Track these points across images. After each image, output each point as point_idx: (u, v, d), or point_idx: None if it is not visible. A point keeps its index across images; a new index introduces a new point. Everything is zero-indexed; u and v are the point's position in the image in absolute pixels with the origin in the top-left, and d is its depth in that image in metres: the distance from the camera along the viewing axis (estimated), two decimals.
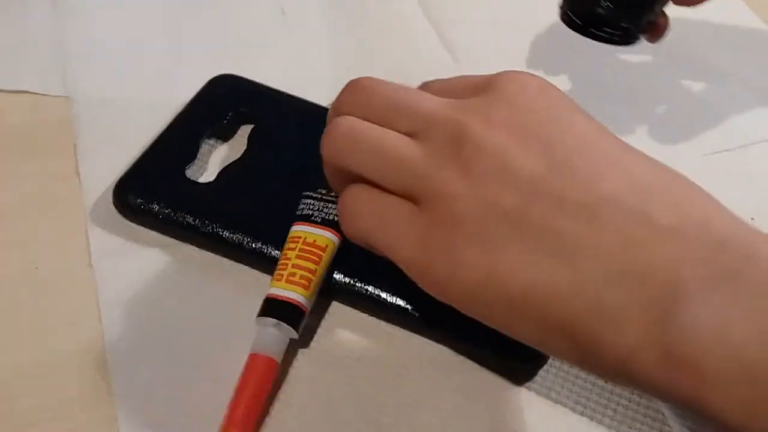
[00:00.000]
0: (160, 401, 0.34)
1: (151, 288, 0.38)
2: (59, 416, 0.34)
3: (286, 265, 0.36)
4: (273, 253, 0.38)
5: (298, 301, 0.35)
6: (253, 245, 0.38)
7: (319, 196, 0.38)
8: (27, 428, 0.33)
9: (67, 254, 0.39)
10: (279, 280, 0.35)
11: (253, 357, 0.34)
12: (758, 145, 0.48)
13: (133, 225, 0.40)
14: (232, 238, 0.38)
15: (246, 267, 0.39)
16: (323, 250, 0.36)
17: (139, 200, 0.39)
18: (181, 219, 0.39)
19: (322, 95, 0.46)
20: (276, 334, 0.35)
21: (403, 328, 0.37)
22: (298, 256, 0.36)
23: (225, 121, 0.44)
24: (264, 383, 0.34)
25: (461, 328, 0.35)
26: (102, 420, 0.34)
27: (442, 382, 0.36)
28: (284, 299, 0.35)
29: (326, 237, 0.37)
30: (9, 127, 0.45)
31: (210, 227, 0.38)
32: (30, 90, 0.47)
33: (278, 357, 0.34)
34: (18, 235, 0.40)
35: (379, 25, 0.54)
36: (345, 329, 0.37)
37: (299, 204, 0.38)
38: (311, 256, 0.36)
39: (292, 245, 0.36)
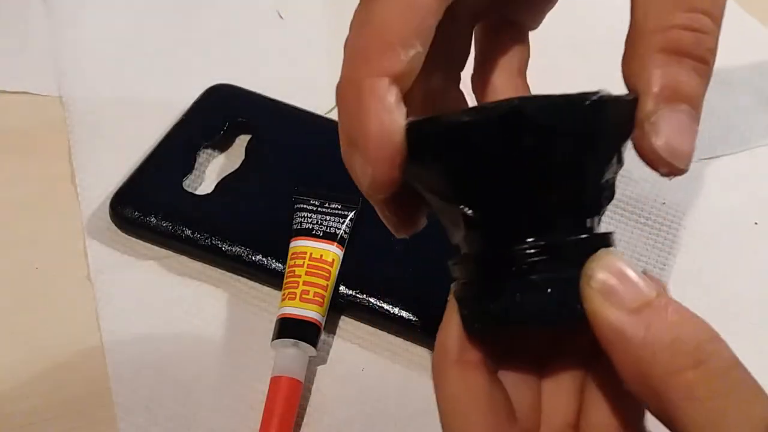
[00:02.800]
0: (160, 411, 0.34)
1: (149, 301, 0.38)
2: (59, 416, 0.34)
3: (297, 282, 0.35)
4: (273, 265, 0.37)
5: (315, 319, 0.35)
6: (253, 257, 0.38)
7: (314, 207, 0.38)
8: (27, 428, 0.33)
9: (66, 256, 0.39)
10: (292, 298, 0.35)
11: (276, 380, 0.34)
12: (760, 149, 0.47)
13: (131, 238, 0.39)
14: (231, 250, 0.38)
15: (245, 278, 0.38)
16: (331, 265, 0.36)
17: (136, 213, 0.39)
18: (179, 232, 0.38)
19: (320, 104, 0.46)
20: (296, 354, 0.34)
21: (408, 340, 0.37)
22: (307, 273, 0.35)
23: (222, 132, 0.43)
24: (291, 405, 0.33)
25: None
26: (102, 420, 0.34)
27: None
28: (301, 318, 0.34)
29: (332, 251, 0.36)
30: (7, 128, 0.45)
31: (208, 240, 0.38)
32: (28, 91, 0.47)
33: (301, 377, 0.34)
34: (17, 235, 0.40)
35: None
36: (356, 342, 0.37)
37: (294, 216, 0.38)
38: (321, 272, 0.36)
39: (299, 261, 0.36)
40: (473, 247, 0.23)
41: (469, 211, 0.22)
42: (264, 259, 0.37)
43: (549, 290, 0.21)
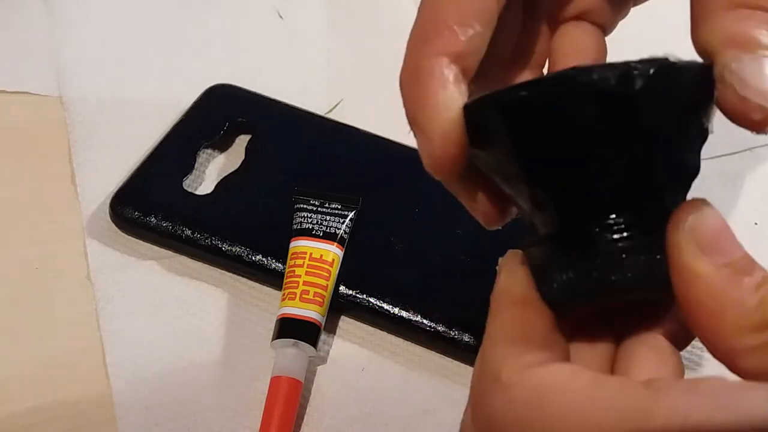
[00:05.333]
0: (160, 411, 0.34)
1: (149, 301, 0.38)
2: (59, 417, 0.34)
3: (297, 282, 0.35)
4: (273, 265, 0.37)
5: (315, 319, 0.35)
6: (253, 257, 0.38)
7: (314, 207, 0.38)
8: (27, 428, 0.33)
9: (66, 256, 0.39)
10: (292, 298, 0.35)
11: (276, 380, 0.34)
12: (760, 149, 0.47)
13: (131, 238, 0.39)
14: (231, 250, 0.38)
15: (245, 278, 0.38)
16: (331, 265, 0.36)
17: (136, 213, 0.39)
18: (179, 232, 0.38)
19: (320, 104, 0.46)
20: (296, 354, 0.34)
21: (408, 340, 0.37)
22: (307, 273, 0.35)
23: (222, 132, 0.43)
24: (291, 405, 0.33)
25: (465, 340, 0.35)
26: (102, 420, 0.34)
27: (446, 394, 0.35)
28: (301, 318, 0.34)
29: (332, 251, 0.36)
30: (7, 128, 0.45)
31: (208, 240, 0.38)
32: (28, 91, 0.47)
33: (301, 377, 0.34)
34: (17, 235, 0.40)
35: (378, 31, 0.53)
36: (356, 342, 0.37)
37: (294, 216, 0.38)
38: (321, 272, 0.36)
39: (299, 261, 0.36)
40: (552, 227, 0.22)
41: (542, 192, 0.21)
42: (264, 259, 0.37)
43: (639, 264, 0.20)
